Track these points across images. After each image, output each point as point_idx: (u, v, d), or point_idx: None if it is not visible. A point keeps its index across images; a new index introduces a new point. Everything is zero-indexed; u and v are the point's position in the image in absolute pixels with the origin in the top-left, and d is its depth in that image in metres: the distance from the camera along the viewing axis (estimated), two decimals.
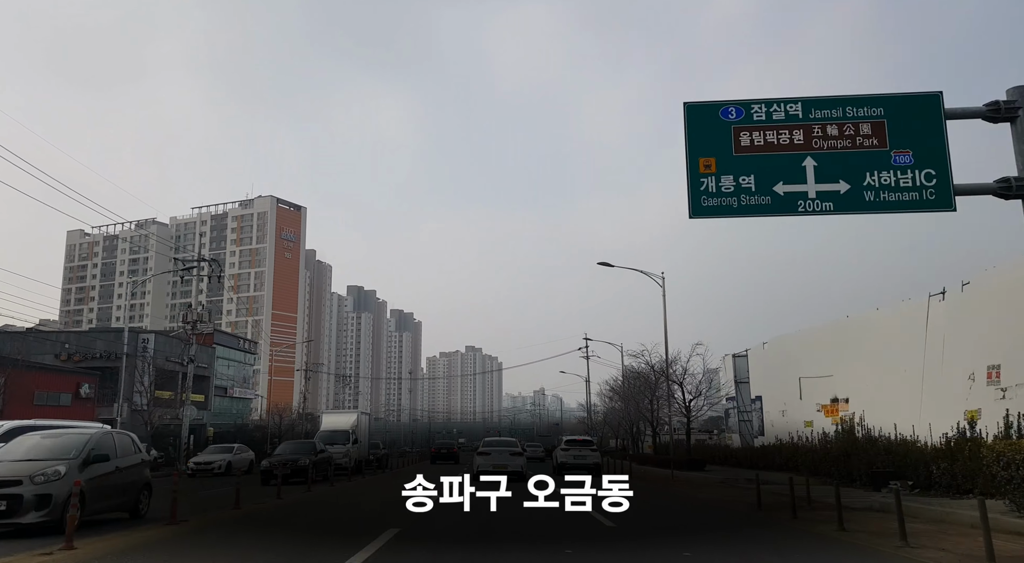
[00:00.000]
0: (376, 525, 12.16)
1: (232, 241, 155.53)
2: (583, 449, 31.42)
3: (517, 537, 11.05)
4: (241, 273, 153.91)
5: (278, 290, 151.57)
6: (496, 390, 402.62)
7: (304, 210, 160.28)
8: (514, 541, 10.76)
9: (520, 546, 10.33)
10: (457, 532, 11.23)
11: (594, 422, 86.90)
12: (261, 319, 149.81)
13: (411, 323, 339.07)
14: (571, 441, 33.26)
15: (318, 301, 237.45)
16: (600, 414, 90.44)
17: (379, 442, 47.12)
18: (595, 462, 30.00)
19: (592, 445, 33.21)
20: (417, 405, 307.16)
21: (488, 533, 11.26)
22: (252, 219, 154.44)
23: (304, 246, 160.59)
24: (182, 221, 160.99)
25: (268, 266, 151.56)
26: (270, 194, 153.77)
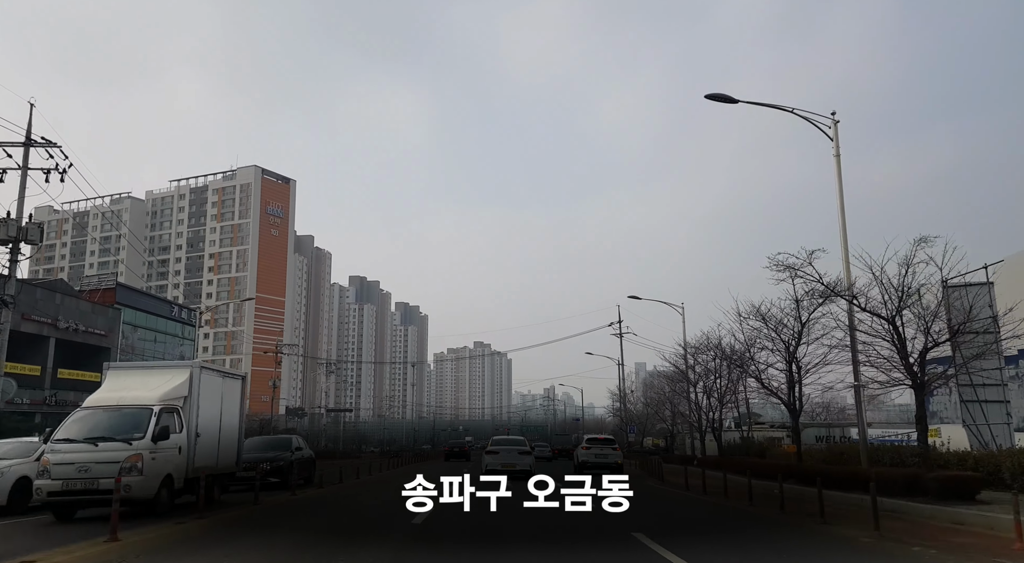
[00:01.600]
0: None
1: (213, 216, 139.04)
2: (605, 448, 30.91)
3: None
4: (222, 252, 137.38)
5: (263, 270, 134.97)
6: (505, 387, 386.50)
7: (293, 183, 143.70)
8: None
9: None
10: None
11: (632, 413, 70.00)
12: (244, 303, 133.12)
13: (417, 316, 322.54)
14: (593, 440, 32.71)
15: (316, 290, 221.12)
16: (639, 404, 73.99)
17: (294, 439, 27.30)
18: (616, 461, 29.43)
19: (614, 444, 32.34)
20: (423, 402, 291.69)
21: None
22: (234, 192, 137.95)
23: (293, 223, 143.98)
24: (159, 195, 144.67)
25: (252, 244, 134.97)
26: (253, 164, 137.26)
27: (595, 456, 30.04)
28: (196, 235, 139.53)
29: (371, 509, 17.19)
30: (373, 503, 18.76)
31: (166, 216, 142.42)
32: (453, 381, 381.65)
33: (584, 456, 30.42)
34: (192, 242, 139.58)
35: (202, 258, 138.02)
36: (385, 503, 16.94)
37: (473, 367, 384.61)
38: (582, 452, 31.12)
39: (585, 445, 31.99)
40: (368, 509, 17.38)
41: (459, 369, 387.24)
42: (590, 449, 30.98)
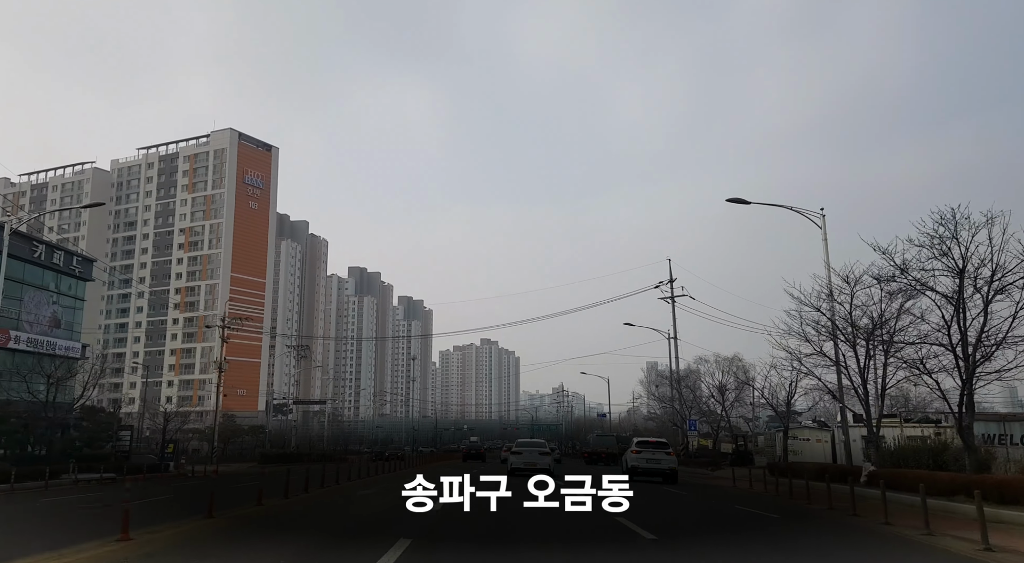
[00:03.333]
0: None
1: (183, 187, 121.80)
2: (657, 452, 28.79)
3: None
4: (194, 226, 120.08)
5: (240, 247, 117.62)
6: (513, 386, 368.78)
7: (275, 150, 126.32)
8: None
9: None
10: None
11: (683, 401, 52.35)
12: (217, 283, 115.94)
13: (420, 311, 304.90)
14: (644, 443, 30.38)
15: (311, 279, 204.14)
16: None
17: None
18: (671, 467, 27.83)
19: (667, 448, 29.71)
20: (428, 401, 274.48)
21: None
22: (207, 159, 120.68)
23: (275, 196, 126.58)
24: (125, 165, 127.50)
25: (226, 216, 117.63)
26: (229, 127, 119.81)
27: (646, 461, 28.08)
28: (165, 208, 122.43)
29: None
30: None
31: (133, 188, 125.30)
32: (459, 379, 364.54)
33: (634, 461, 28.49)
34: (161, 216, 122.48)
35: (172, 234, 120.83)
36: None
37: (480, 365, 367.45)
38: (632, 456, 29.20)
39: (635, 449, 29.71)
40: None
41: (465, 367, 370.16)
42: (640, 453, 28.81)
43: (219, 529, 12.55)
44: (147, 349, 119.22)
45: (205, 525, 13.06)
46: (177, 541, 10.99)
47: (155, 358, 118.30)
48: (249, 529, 13.10)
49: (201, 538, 11.53)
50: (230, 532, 12.33)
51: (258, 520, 14.68)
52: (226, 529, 12.68)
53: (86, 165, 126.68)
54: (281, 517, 15.30)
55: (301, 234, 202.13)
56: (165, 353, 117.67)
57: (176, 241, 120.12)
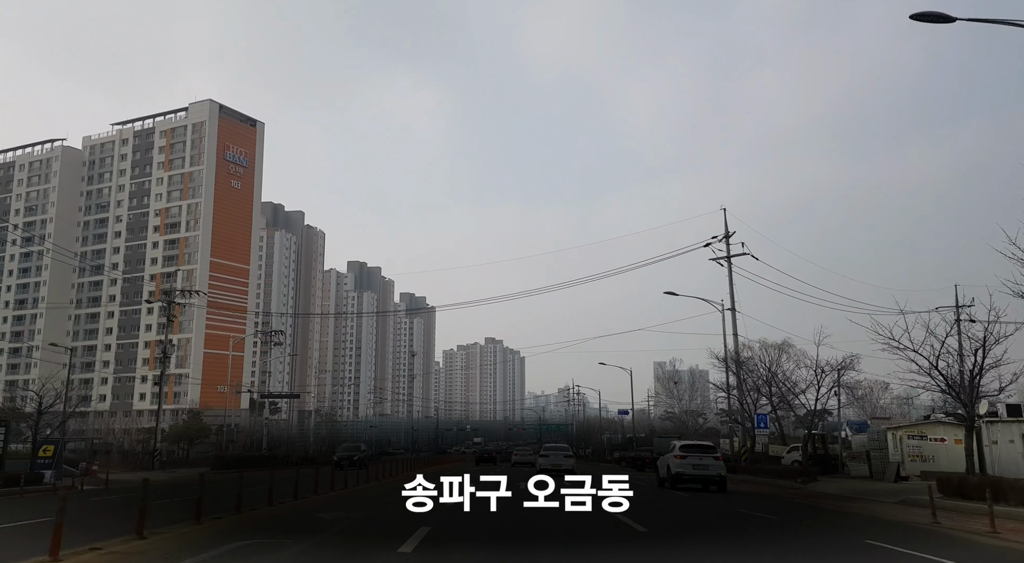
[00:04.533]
0: None
1: (159, 164, 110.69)
2: (705, 457, 25.36)
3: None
4: (171, 207, 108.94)
5: (221, 230, 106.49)
6: (518, 386, 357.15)
7: (260, 125, 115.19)
8: None
9: None
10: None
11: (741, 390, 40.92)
12: (195, 269, 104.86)
13: (423, 307, 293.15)
14: (689, 446, 26.47)
15: (306, 272, 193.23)
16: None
17: None
18: (719, 474, 24.39)
19: (715, 452, 26.42)
20: (431, 401, 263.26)
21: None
22: (185, 133, 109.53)
23: (261, 175, 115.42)
24: (98, 142, 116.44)
25: (205, 196, 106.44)
26: (209, 98, 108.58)
27: (693, 467, 24.67)
28: (140, 188, 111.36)
29: None
30: None
31: (106, 166, 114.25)
32: (463, 379, 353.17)
33: (679, 466, 25.15)
34: (135, 196, 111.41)
35: (147, 215, 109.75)
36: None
37: (484, 364, 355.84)
38: (675, 461, 25.49)
39: (679, 452, 25.71)
40: None
41: (469, 367, 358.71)
42: (686, 458, 25.13)
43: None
44: (120, 342, 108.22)
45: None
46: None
47: (128, 351, 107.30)
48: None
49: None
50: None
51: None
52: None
53: (56, 143, 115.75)
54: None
55: (296, 225, 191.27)
56: (139, 346, 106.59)
57: (151, 223, 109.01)
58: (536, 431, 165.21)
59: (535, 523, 11.76)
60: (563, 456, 33.74)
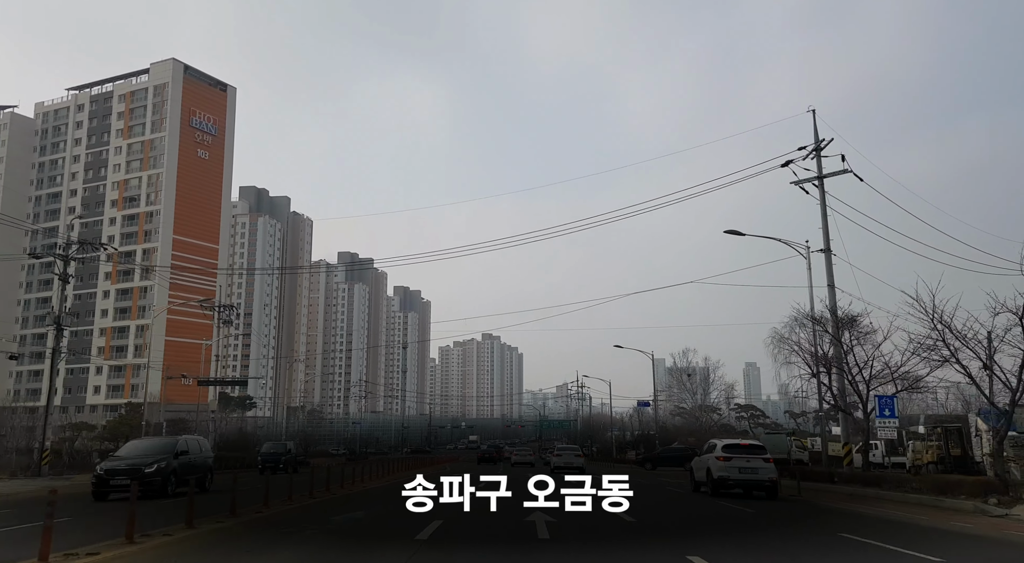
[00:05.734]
0: None
1: (118, 132, 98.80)
2: (753, 458, 21.73)
3: None
4: (130, 179, 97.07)
5: (185, 203, 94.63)
6: (516, 383, 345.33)
7: (231, 90, 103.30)
8: None
9: None
10: None
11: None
12: (156, 247, 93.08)
13: (418, 302, 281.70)
14: (734, 446, 22.87)
15: (292, 262, 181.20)
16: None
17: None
18: (770, 478, 21.24)
19: (764, 452, 22.71)
20: (427, 398, 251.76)
21: None
22: (146, 97, 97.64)
23: (232, 146, 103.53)
24: (51, 108, 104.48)
25: (167, 165, 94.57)
26: (172, 57, 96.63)
27: (739, 470, 21.29)
28: (97, 158, 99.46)
29: None
30: None
31: (60, 135, 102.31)
32: (459, 376, 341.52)
33: (721, 469, 21.51)
34: (92, 168, 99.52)
35: (103, 188, 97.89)
36: None
37: (481, 361, 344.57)
38: (718, 464, 21.74)
39: (722, 453, 21.99)
40: None
41: (466, 364, 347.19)
42: (730, 460, 21.53)
43: None
44: (73, 328, 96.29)
45: None
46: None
47: (81, 339, 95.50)
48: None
49: None
50: None
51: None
52: None
53: (5, 110, 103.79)
54: None
55: (282, 211, 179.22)
56: (94, 333, 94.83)
57: (109, 197, 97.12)
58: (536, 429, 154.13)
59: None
60: (574, 455, 38.76)
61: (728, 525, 14.77)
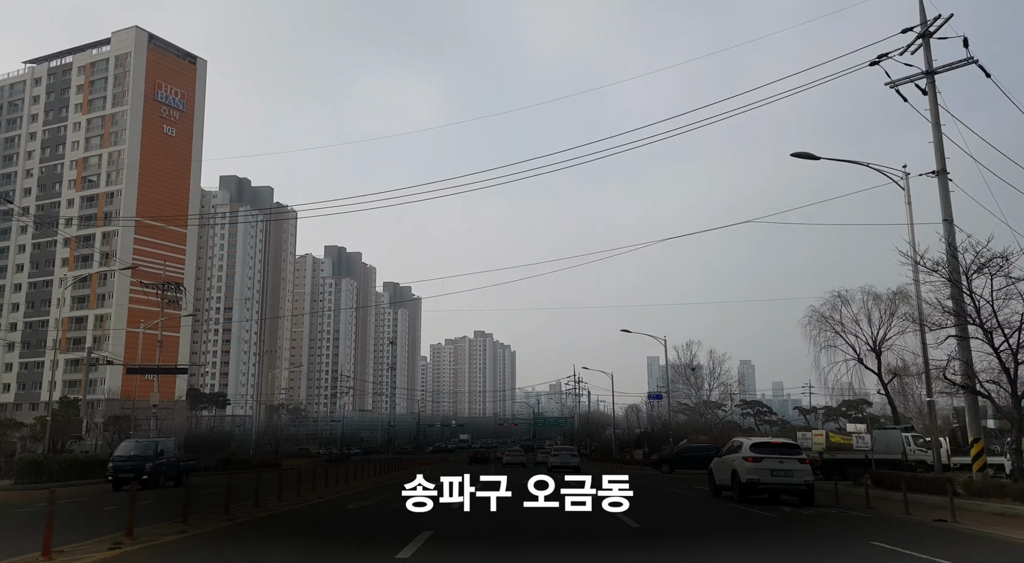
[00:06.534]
0: None
1: (77, 107, 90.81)
2: (787, 458, 19.00)
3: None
4: (89, 156, 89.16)
5: (150, 184, 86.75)
6: (509, 381, 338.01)
7: (202, 63, 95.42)
8: None
9: None
10: None
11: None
12: (117, 231, 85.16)
13: (408, 298, 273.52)
14: (764, 445, 19.93)
15: (275, 255, 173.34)
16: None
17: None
18: (806, 481, 18.58)
19: (799, 452, 19.96)
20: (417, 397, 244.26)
21: None
22: (107, 67, 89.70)
23: (202, 123, 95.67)
24: (6, 82, 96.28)
25: (130, 141, 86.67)
26: (135, 25, 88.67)
27: (771, 473, 18.61)
28: (55, 135, 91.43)
29: None
30: None
31: (15, 111, 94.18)
32: (451, 375, 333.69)
33: (750, 472, 18.75)
34: (48, 145, 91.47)
35: (61, 168, 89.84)
36: None
37: (473, 359, 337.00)
38: (746, 465, 18.97)
39: (751, 453, 19.14)
40: None
41: (458, 361, 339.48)
42: (760, 461, 18.75)
43: None
44: (27, 319, 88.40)
45: None
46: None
47: (36, 331, 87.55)
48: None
49: None
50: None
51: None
52: None
53: None
54: None
55: (263, 201, 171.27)
56: (49, 323, 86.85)
57: (67, 176, 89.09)
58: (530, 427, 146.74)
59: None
60: (570, 455, 41.00)
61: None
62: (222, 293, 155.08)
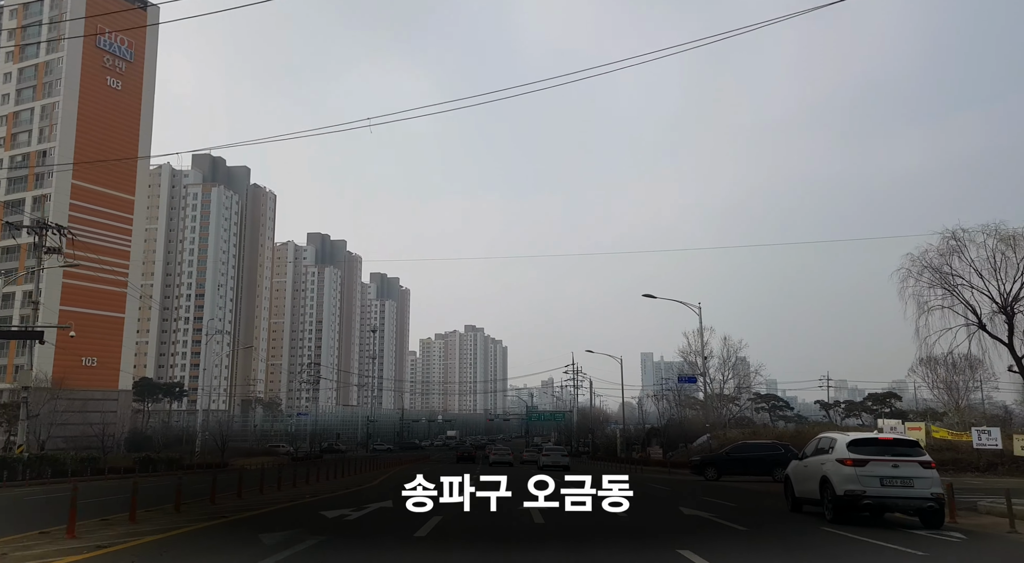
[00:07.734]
0: None
1: (7, 55, 79.15)
2: (903, 462, 13.77)
3: None
4: (20, 110, 77.54)
5: (88, 142, 75.12)
6: (500, 376, 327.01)
7: (154, 10, 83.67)
8: None
9: None
10: None
11: None
12: (49, 193, 73.58)
13: (396, 290, 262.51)
14: (869, 442, 14.53)
15: (252, 239, 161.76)
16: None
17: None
18: (935, 494, 13.28)
19: (921, 452, 14.40)
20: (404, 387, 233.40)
21: None
22: (41, 9, 78.14)
23: (153, 78, 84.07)
24: None
25: (66, 92, 74.99)
26: None
27: (882, 482, 13.66)
28: None
29: None
30: None
31: None
32: (442, 370, 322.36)
33: (853, 481, 13.82)
34: None
35: None
36: None
37: (464, 354, 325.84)
38: (844, 471, 13.98)
39: (851, 456, 14.01)
40: None
41: (448, 356, 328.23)
42: (865, 465, 13.77)
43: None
44: None
45: None
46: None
47: None
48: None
49: None
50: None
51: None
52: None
53: None
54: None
55: (240, 182, 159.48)
56: None
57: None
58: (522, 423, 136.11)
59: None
60: (560, 455, 44.24)
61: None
62: (193, 279, 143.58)
